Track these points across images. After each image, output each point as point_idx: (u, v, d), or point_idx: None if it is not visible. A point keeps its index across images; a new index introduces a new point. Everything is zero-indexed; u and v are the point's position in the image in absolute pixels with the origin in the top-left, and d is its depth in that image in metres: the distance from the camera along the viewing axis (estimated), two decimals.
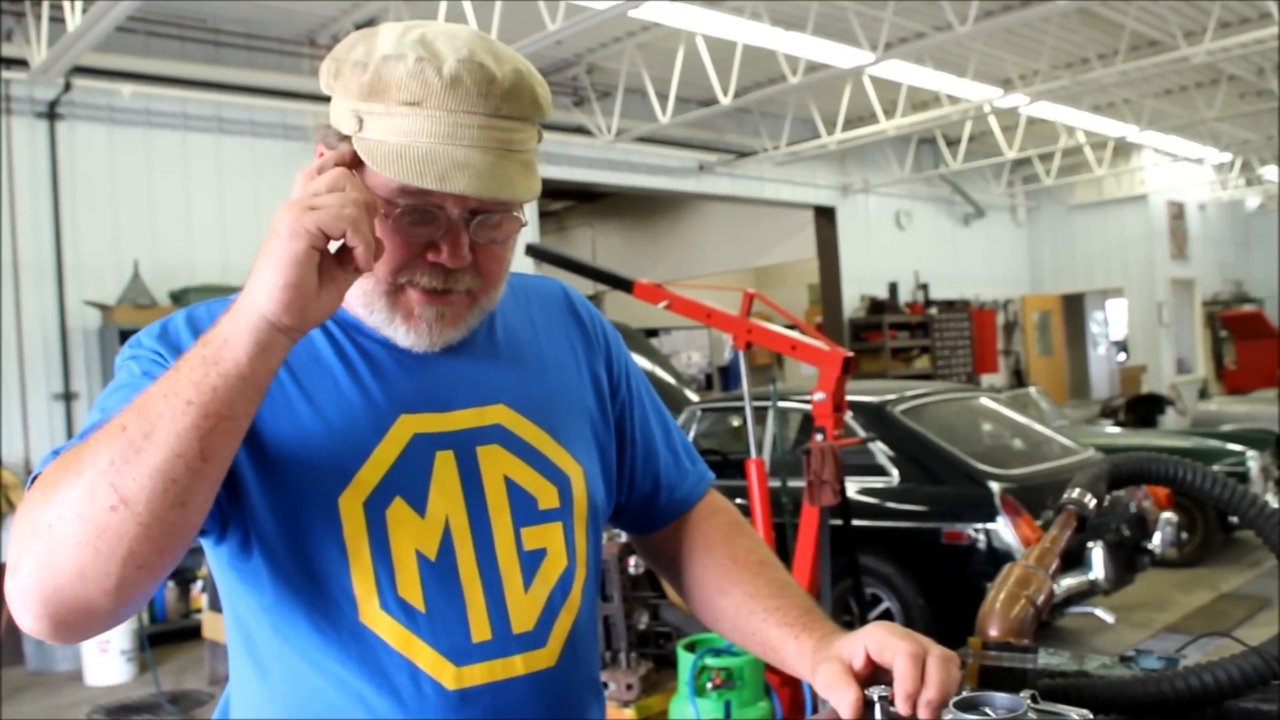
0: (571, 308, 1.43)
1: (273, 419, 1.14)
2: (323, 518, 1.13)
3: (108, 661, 6.44)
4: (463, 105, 1.06)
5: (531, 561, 1.22)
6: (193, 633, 6.84)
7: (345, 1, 8.00)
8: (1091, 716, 1.02)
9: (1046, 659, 1.45)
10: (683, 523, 1.45)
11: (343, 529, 1.13)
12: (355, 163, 1.08)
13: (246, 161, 8.38)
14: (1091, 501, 1.40)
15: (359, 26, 8.15)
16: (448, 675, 1.15)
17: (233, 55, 8.35)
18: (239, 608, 1.21)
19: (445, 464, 1.19)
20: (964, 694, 1.04)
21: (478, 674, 1.17)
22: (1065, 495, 1.41)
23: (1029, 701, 1.01)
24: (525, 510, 1.23)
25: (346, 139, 1.10)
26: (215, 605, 6.06)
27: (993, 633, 1.23)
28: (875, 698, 1.06)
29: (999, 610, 1.24)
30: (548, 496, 1.25)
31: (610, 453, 1.39)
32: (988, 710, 1.00)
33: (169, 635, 7.21)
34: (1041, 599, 1.27)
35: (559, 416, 1.30)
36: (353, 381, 1.18)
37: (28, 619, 0.98)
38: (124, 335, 7.26)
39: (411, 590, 1.15)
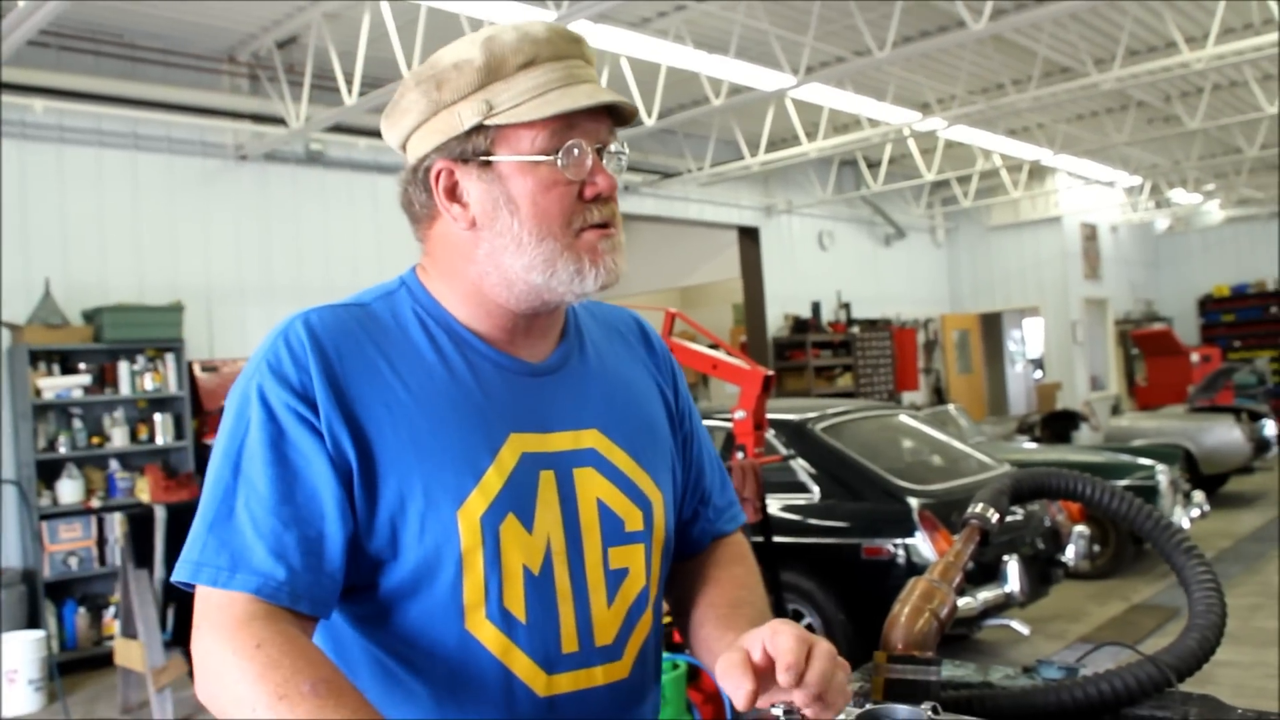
0: (645, 337, 1.50)
1: (393, 433, 1.18)
2: (440, 529, 1.18)
3: (15, 691, 6.24)
4: (563, 52, 1.22)
5: (615, 580, 1.29)
6: (104, 660, 6.67)
7: (269, 14, 7.90)
8: None
9: (952, 671, 1.48)
10: (699, 554, 1.49)
11: (460, 541, 1.18)
12: (488, 151, 1.21)
13: (163, 179, 8.22)
14: (994, 516, 1.43)
15: (280, 44, 8.13)
16: (540, 683, 1.22)
17: (149, 71, 8.19)
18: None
19: (547, 484, 1.25)
20: (867, 707, 1.07)
21: (565, 683, 1.23)
22: (969, 510, 1.44)
23: (929, 713, 1.04)
24: (613, 531, 1.30)
25: (472, 135, 1.21)
26: (129, 631, 5.91)
27: (897, 646, 1.26)
28: (781, 712, 1.07)
29: (903, 624, 1.27)
30: (634, 519, 1.32)
31: (679, 480, 1.45)
32: None
33: (80, 663, 7.02)
34: (945, 612, 1.30)
35: (644, 444, 1.36)
36: (466, 397, 1.24)
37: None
38: (34, 356, 7.08)
39: (515, 602, 1.20)
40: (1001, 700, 1.29)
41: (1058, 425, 12.42)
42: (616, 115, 1.26)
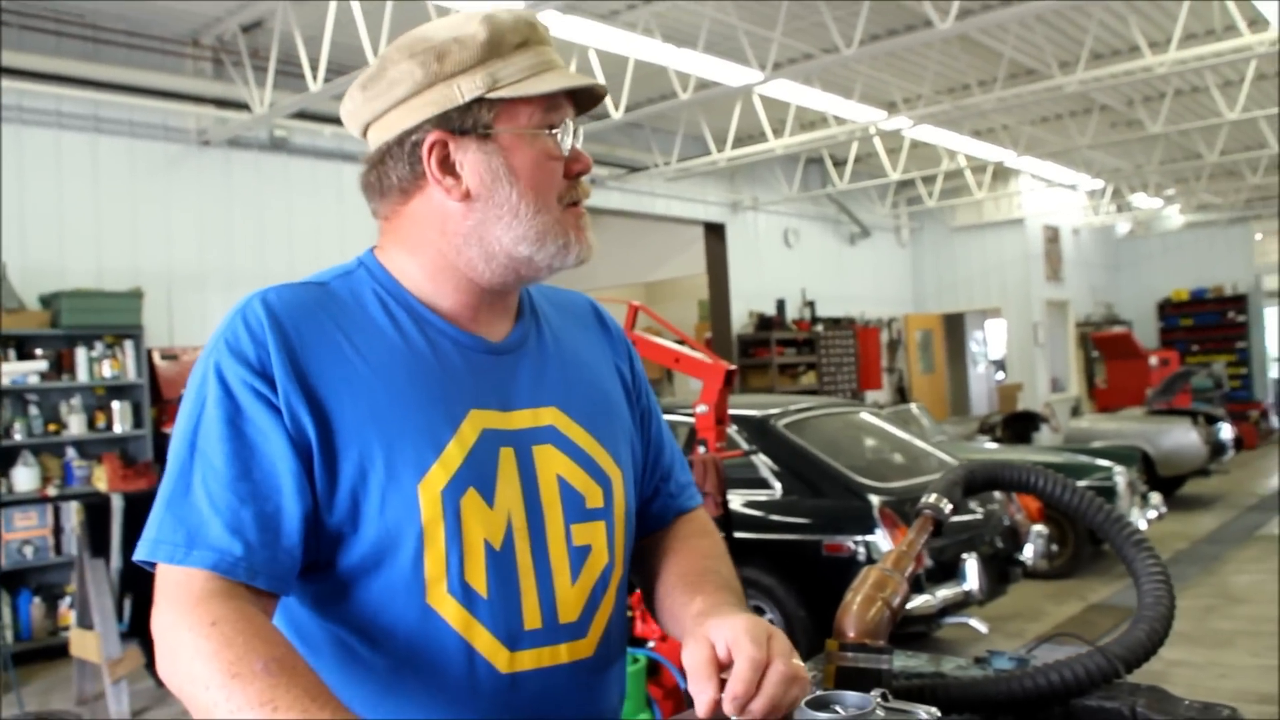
0: (599, 317, 1.52)
1: (353, 408, 1.19)
2: (401, 503, 1.18)
3: None
4: (543, 37, 1.28)
5: (579, 557, 1.30)
6: (60, 651, 6.59)
7: (231, 1, 7.82)
8: (940, 714, 1.05)
9: (905, 661, 1.48)
10: (662, 530, 1.50)
11: (421, 515, 1.18)
12: (489, 124, 1.24)
13: (124, 163, 8.12)
14: (948, 506, 1.44)
15: (245, 29, 8.04)
16: (502, 659, 1.22)
17: (112, 53, 8.08)
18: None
19: (508, 460, 1.26)
20: (816, 693, 1.07)
21: (527, 660, 1.23)
22: (922, 500, 1.45)
23: (878, 700, 1.04)
24: (575, 508, 1.30)
25: (471, 108, 1.23)
26: (84, 622, 5.84)
27: (849, 634, 1.26)
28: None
29: (855, 612, 1.27)
30: (594, 496, 1.33)
31: (639, 458, 1.46)
32: (838, 709, 1.02)
33: (35, 653, 6.94)
34: (897, 601, 1.30)
35: (602, 422, 1.38)
36: (426, 372, 1.25)
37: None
38: None
39: (477, 577, 1.21)
40: (953, 689, 1.29)
41: (1018, 426, 12.53)
42: (577, 103, 1.32)
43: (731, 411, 5.78)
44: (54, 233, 7.70)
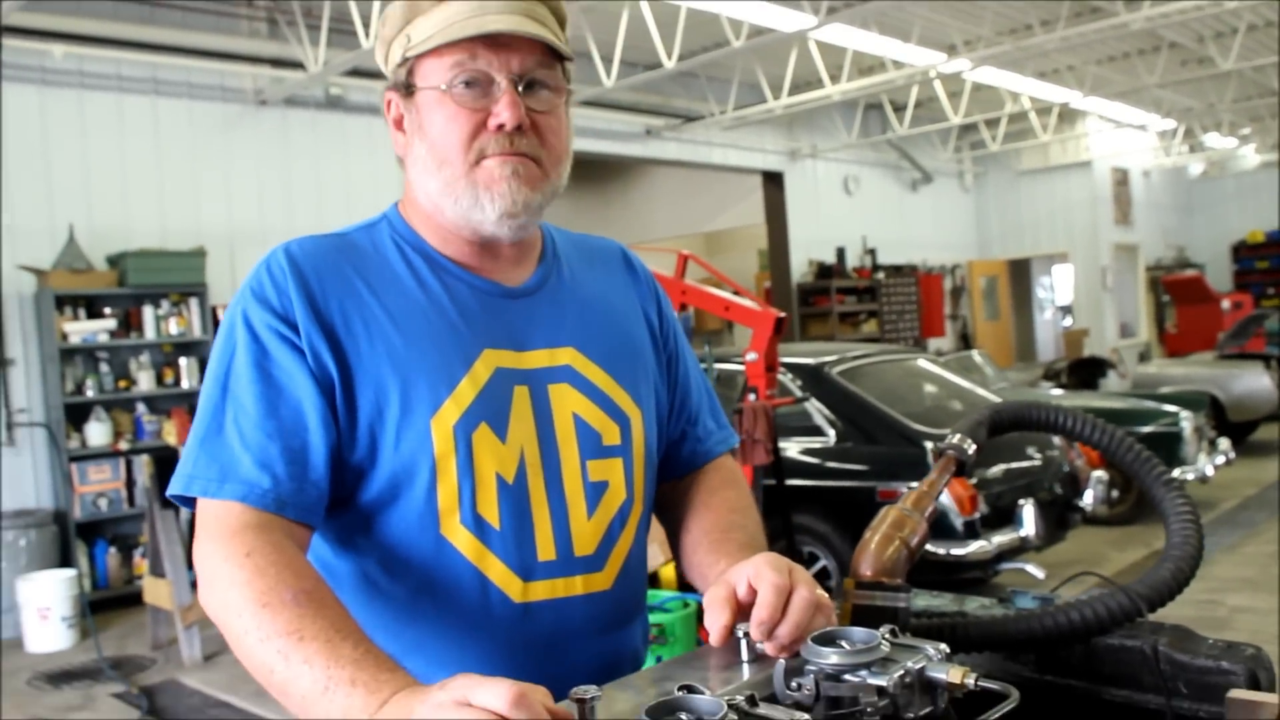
0: (626, 260, 1.54)
1: (370, 348, 1.24)
2: (415, 437, 1.23)
3: (49, 628, 6.40)
4: None
5: (595, 492, 1.32)
6: (135, 599, 6.81)
7: None
8: (948, 650, 1.05)
9: (928, 600, 1.49)
10: (691, 475, 1.52)
11: (434, 448, 1.22)
12: (409, 83, 1.29)
13: (184, 124, 8.24)
14: (971, 447, 1.44)
15: None
16: (514, 589, 1.26)
17: (168, 15, 8.18)
18: None
19: (521, 398, 1.30)
20: (825, 629, 1.08)
21: (541, 590, 1.27)
22: (945, 440, 1.45)
23: (885, 635, 1.05)
24: (591, 445, 1.33)
25: (400, 67, 1.29)
26: (157, 570, 6.03)
27: (866, 572, 1.26)
28: (741, 633, 1.10)
29: (873, 551, 1.28)
30: (611, 434, 1.35)
31: (663, 399, 1.48)
32: (843, 644, 1.03)
33: (111, 601, 7.17)
34: (915, 541, 1.30)
35: (622, 362, 1.40)
36: (441, 316, 1.29)
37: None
38: (60, 301, 7.16)
39: (489, 508, 1.25)
40: (971, 628, 1.29)
41: (1084, 372, 12.32)
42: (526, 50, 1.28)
43: (785, 359, 5.77)
44: (118, 194, 7.86)
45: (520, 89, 1.26)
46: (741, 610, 1.12)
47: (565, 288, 1.41)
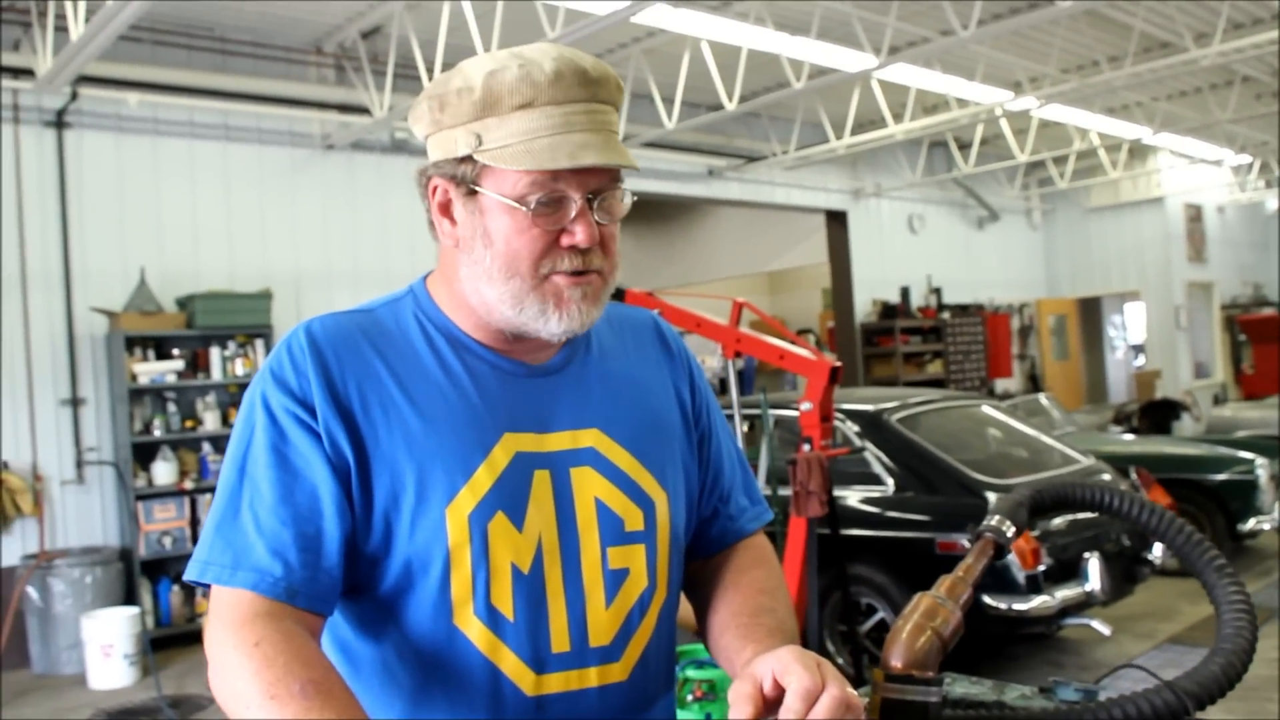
0: (660, 336, 1.50)
1: (387, 434, 1.23)
2: (430, 527, 1.21)
3: (111, 665, 6.49)
4: (568, 96, 1.20)
5: (615, 580, 1.30)
6: (196, 637, 6.89)
7: (353, 5, 8.03)
8: None
9: (967, 688, 1.43)
10: (722, 554, 1.49)
11: (448, 538, 1.21)
12: (474, 182, 1.23)
13: (253, 169, 8.42)
14: (1010, 530, 1.38)
15: (364, 35, 8.25)
16: (527, 682, 1.24)
17: (239, 64, 8.39)
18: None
19: (542, 483, 1.27)
20: None
21: (554, 683, 1.25)
22: (984, 522, 1.39)
23: None
24: (612, 531, 1.30)
25: (463, 162, 1.23)
26: None
27: (895, 664, 1.21)
28: None
29: (904, 641, 1.23)
30: (634, 519, 1.32)
31: (694, 478, 1.45)
32: None
33: (173, 639, 7.27)
34: (949, 631, 1.25)
35: (649, 444, 1.37)
36: (461, 398, 1.27)
37: None
38: (130, 342, 7.32)
39: (503, 599, 1.23)
40: None
41: (1156, 415, 12.01)
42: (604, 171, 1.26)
43: (843, 406, 5.69)
44: (188, 238, 8.04)
45: (592, 206, 1.24)
46: (768, 707, 1.09)
47: (592, 364, 1.39)
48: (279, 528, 1.17)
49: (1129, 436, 9.97)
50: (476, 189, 1.24)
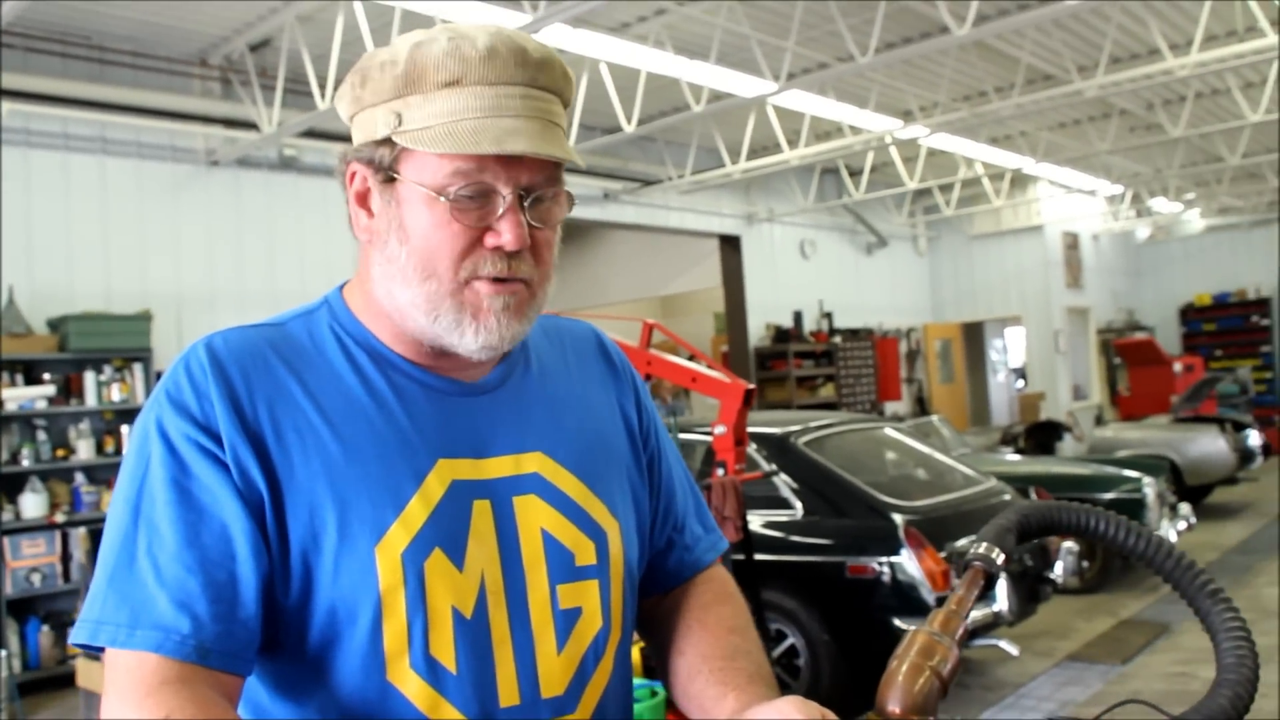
0: (604, 350, 1.36)
1: (304, 463, 1.07)
2: (356, 568, 1.05)
3: None
4: (501, 77, 1.06)
5: (566, 622, 1.16)
6: (68, 680, 6.47)
7: (242, 17, 7.74)
8: None
9: None
10: (680, 589, 1.35)
11: (379, 581, 1.05)
12: (392, 168, 1.08)
13: (132, 185, 8.04)
14: (1000, 558, 1.30)
15: (252, 48, 7.97)
16: None
17: (118, 74, 8.02)
18: None
19: (483, 514, 1.12)
20: None
21: None
22: (971, 551, 1.30)
23: None
24: (562, 567, 1.16)
25: (383, 144, 1.08)
26: (92, 652, 5.72)
27: (894, 709, 1.11)
28: None
29: (901, 684, 1.13)
30: (585, 552, 1.18)
31: (645, 506, 1.31)
32: None
33: (42, 683, 6.82)
34: (948, 670, 1.16)
35: (597, 467, 1.23)
36: (387, 421, 1.11)
37: None
38: None
39: (444, 649, 1.07)
40: None
41: (1041, 436, 12.30)
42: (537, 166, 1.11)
43: (751, 430, 5.63)
44: (62, 256, 7.63)
45: (524, 205, 1.09)
46: None
47: (532, 382, 1.24)
48: (184, 575, 1.00)
49: (1016, 457, 10.17)
50: (394, 176, 1.09)
